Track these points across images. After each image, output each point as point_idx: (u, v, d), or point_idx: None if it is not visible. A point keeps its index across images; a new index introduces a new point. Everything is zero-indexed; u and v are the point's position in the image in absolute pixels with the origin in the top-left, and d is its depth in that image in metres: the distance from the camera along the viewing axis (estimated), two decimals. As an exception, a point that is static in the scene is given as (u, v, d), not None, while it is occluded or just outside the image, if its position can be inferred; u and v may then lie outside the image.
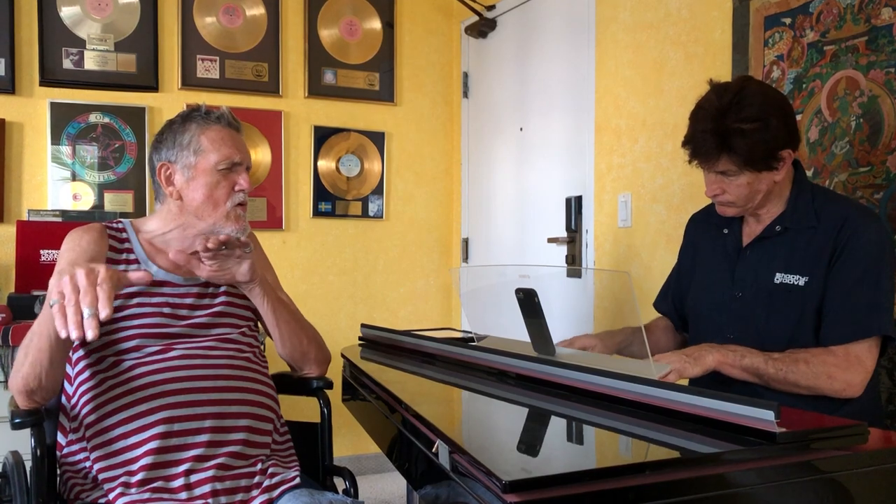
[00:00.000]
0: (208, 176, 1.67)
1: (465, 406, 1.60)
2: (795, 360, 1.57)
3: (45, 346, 1.44)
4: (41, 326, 1.44)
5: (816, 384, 1.55)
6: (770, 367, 1.57)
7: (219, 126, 1.70)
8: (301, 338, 1.85)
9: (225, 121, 1.72)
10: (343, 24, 3.87)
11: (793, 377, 1.55)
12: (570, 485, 0.93)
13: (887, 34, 1.94)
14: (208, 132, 1.69)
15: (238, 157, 1.70)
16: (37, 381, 1.46)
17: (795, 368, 1.55)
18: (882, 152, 1.95)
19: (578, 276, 3.15)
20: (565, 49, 3.23)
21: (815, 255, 1.65)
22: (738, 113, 1.60)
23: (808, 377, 1.55)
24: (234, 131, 1.73)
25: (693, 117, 1.70)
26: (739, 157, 1.62)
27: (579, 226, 3.09)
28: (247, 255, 1.71)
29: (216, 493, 1.48)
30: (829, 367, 1.56)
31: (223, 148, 1.68)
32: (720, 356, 1.59)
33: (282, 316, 1.81)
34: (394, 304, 4.01)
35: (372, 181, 3.95)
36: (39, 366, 1.45)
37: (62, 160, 3.33)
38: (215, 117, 1.71)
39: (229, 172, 1.69)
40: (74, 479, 1.57)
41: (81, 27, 3.37)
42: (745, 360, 1.59)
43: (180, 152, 1.68)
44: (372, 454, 3.78)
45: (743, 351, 1.60)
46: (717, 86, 1.71)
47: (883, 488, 1.12)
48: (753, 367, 1.58)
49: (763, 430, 1.08)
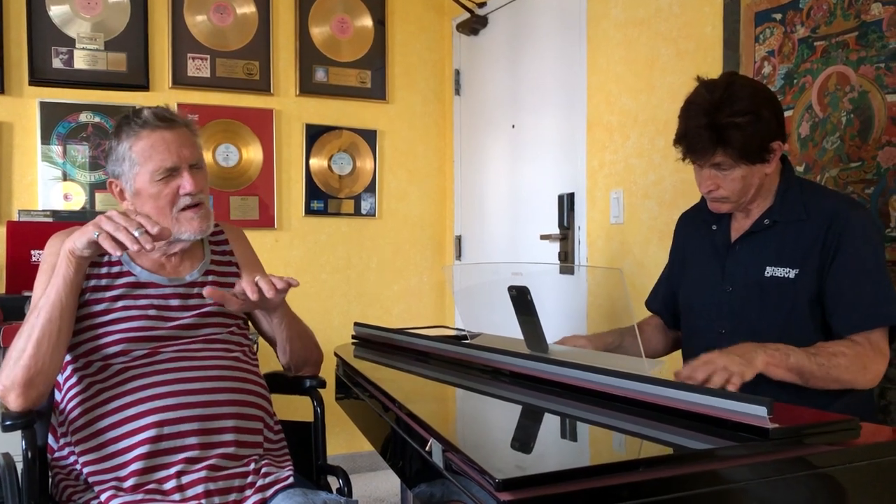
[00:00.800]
0: (149, 188, 1.62)
1: (459, 404, 1.60)
2: (833, 353, 1.53)
3: (56, 315, 1.47)
4: (49, 297, 1.47)
5: (856, 377, 1.53)
6: (813, 364, 1.51)
7: (146, 132, 1.61)
8: (306, 344, 1.86)
9: (150, 124, 1.61)
10: (334, 22, 3.86)
11: (835, 372, 1.51)
12: (564, 482, 0.93)
13: (877, 29, 1.95)
14: (137, 142, 1.61)
15: (171, 161, 1.61)
16: (41, 363, 1.46)
17: (836, 362, 1.52)
18: (872, 147, 1.96)
19: (571, 273, 3.15)
20: (557, 46, 3.23)
21: (806, 248, 1.65)
22: (731, 107, 1.61)
23: (849, 370, 1.52)
24: (164, 131, 1.62)
25: (684, 114, 1.70)
26: (735, 151, 1.62)
27: (572, 223, 3.09)
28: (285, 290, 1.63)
29: (209, 493, 1.48)
30: (863, 358, 1.54)
31: (154, 156, 1.60)
32: (767, 357, 1.48)
33: (294, 333, 1.81)
34: (387, 302, 4.01)
35: (364, 179, 3.94)
36: (47, 341, 1.46)
37: (53, 160, 3.31)
38: (140, 123, 1.62)
39: (170, 179, 1.62)
40: (66, 481, 1.56)
41: (71, 26, 3.35)
42: (790, 359, 1.50)
43: (120, 166, 1.63)
44: (366, 452, 3.77)
45: (786, 348, 1.52)
46: (705, 82, 1.71)
47: (875, 482, 1.13)
48: (798, 366, 1.50)
49: (756, 426, 1.08)
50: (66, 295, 1.49)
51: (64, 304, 1.49)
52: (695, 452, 1.08)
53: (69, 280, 1.49)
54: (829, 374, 1.52)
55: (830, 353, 1.53)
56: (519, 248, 3.51)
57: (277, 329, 1.80)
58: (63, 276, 1.48)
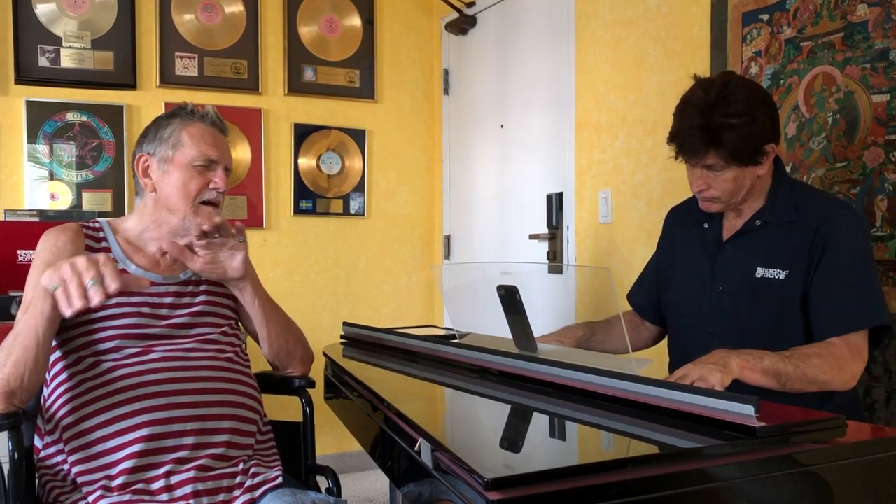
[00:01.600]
0: (183, 170, 1.67)
1: (448, 404, 1.60)
2: (808, 354, 1.53)
3: (32, 344, 1.42)
4: (28, 323, 1.42)
5: (832, 377, 1.53)
6: (788, 365, 1.50)
7: (202, 123, 1.72)
8: (288, 337, 1.84)
9: (209, 119, 1.73)
10: (323, 21, 3.86)
11: (811, 372, 1.51)
12: (553, 481, 0.93)
13: (863, 30, 1.96)
14: (190, 128, 1.70)
15: (215, 154, 1.70)
16: (18, 381, 1.43)
17: (811, 363, 1.52)
18: (858, 147, 1.97)
19: (560, 273, 3.16)
20: (545, 46, 3.23)
21: (795, 249, 1.66)
22: (725, 108, 1.61)
23: (824, 370, 1.52)
24: (216, 130, 1.74)
25: (679, 113, 1.70)
26: (727, 152, 1.62)
27: (560, 222, 3.10)
28: (240, 245, 1.72)
29: (198, 493, 1.47)
30: (839, 360, 1.54)
31: (201, 144, 1.69)
32: (741, 361, 1.47)
33: (271, 316, 1.80)
34: (376, 302, 4.00)
35: (353, 178, 3.94)
36: (24, 365, 1.43)
37: (39, 159, 3.29)
38: (200, 115, 1.73)
39: (205, 170, 1.69)
40: (53, 483, 1.55)
41: (57, 24, 3.33)
42: (764, 362, 1.49)
43: (159, 145, 1.69)
44: (354, 452, 3.77)
45: (759, 353, 1.51)
46: (701, 81, 1.71)
47: (861, 480, 1.13)
48: (773, 368, 1.50)
49: (743, 425, 1.09)
50: (43, 329, 1.42)
51: (41, 337, 1.42)
52: (682, 451, 1.09)
53: (46, 315, 1.41)
54: (804, 374, 1.51)
55: (805, 355, 1.54)
56: (507, 248, 3.52)
57: (251, 309, 1.77)
58: (41, 310, 1.40)
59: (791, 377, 1.50)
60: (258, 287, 1.78)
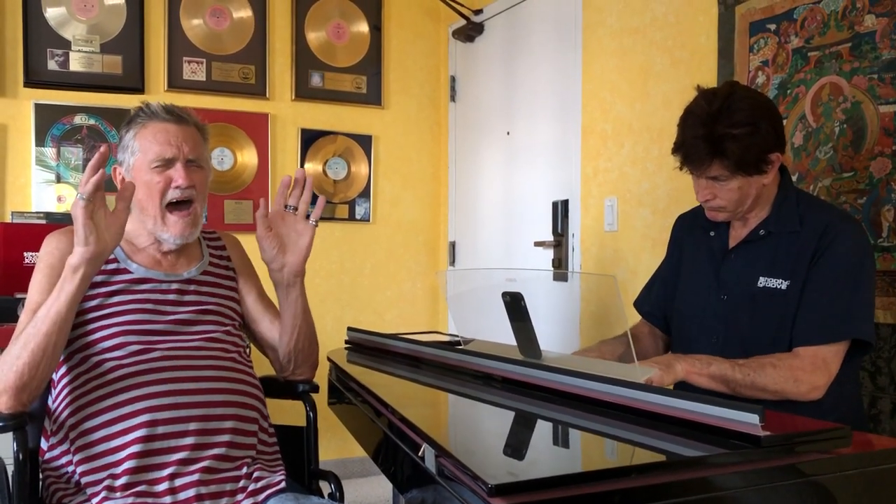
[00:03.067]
0: (143, 175, 1.64)
1: (452, 410, 1.60)
2: (762, 364, 1.57)
3: (54, 329, 1.45)
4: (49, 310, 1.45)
5: (784, 388, 1.55)
6: (737, 373, 1.55)
7: (154, 122, 1.66)
8: (311, 340, 1.86)
9: (159, 116, 1.67)
10: (330, 27, 3.87)
11: (761, 381, 1.54)
12: (556, 488, 0.93)
13: (870, 41, 1.96)
14: (143, 131, 1.66)
15: (169, 152, 1.64)
16: (33, 372, 1.45)
17: (763, 372, 1.55)
18: (865, 158, 1.97)
19: (565, 280, 3.16)
20: (552, 53, 3.24)
21: (797, 259, 1.66)
22: (729, 118, 1.61)
23: (775, 380, 1.55)
24: (170, 124, 1.67)
25: (683, 124, 1.70)
26: (731, 162, 1.62)
27: (566, 229, 3.10)
28: (308, 228, 1.73)
29: (201, 497, 1.47)
30: (796, 371, 1.56)
31: (154, 145, 1.64)
32: (687, 365, 1.55)
33: (306, 319, 1.82)
34: (380, 308, 4.00)
35: (359, 184, 3.94)
36: (42, 353, 1.44)
37: (46, 162, 3.31)
38: (149, 114, 1.67)
39: (164, 169, 1.64)
40: (57, 485, 1.55)
41: (67, 28, 3.35)
42: (711, 368, 1.55)
43: (123, 153, 1.67)
44: (358, 458, 3.76)
45: (708, 359, 1.58)
46: (705, 91, 1.71)
47: (865, 491, 1.13)
48: (720, 374, 1.55)
49: (748, 434, 1.09)
50: (66, 310, 1.47)
51: (63, 319, 1.47)
52: (687, 459, 1.08)
53: (71, 295, 1.47)
54: (754, 382, 1.54)
55: (759, 364, 1.56)
56: (512, 255, 3.52)
57: (290, 307, 1.77)
58: (67, 292, 1.46)
59: (740, 384, 1.55)
60: (303, 286, 1.79)
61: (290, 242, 1.74)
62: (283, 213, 1.75)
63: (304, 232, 1.75)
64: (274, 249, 1.73)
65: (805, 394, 1.57)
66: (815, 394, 1.57)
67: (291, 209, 1.75)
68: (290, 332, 1.81)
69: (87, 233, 1.45)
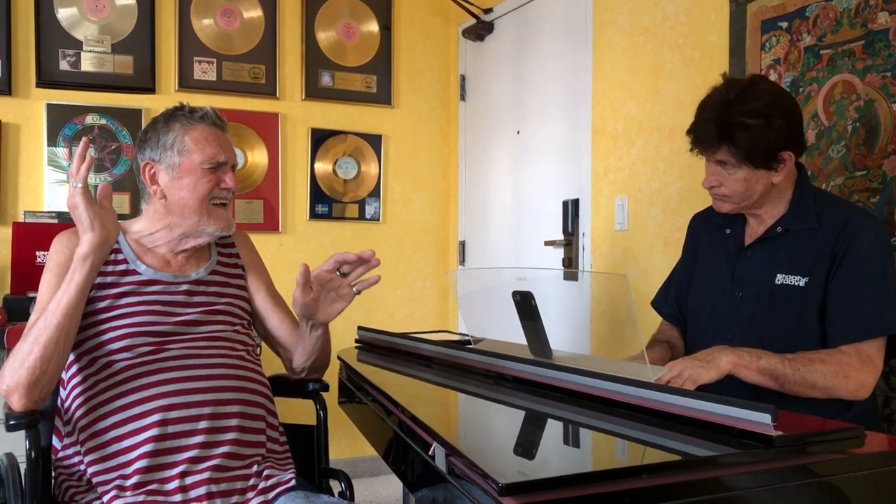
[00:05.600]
0: (193, 175, 1.67)
1: (462, 409, 1.60)
2: (811, 359, 1.53)
3: (65, 321, 1.48)
4: (59, 303, 1.48)
5: (834, 384, 1.52)
6: (787, 368, 1.51)
7: (203, 125, 1.70)
8: (326, 357, 1.88)
9: (209, 119, 1.71)
10: (340, 27, 3.87)
11: (811, 377, 1.51)
12: (567, 488, 0.93)
13: (884, 38, 1.95)
14: (192, 132, 1.68)
15: (223, 156, 1.70)
16: (45, 366, 1.46)
17: (813, 368, 1.52)
18: (878, 156, 1.96)
19: (575, 279, 3.15)
20: (562, 52, 3.23)
21: (816, 256, 1.65)
22: (742, 106, 1.62)
23: (826, 376, 1.52)
24: (218, 130, 1.72)
25: (700, 106, 1.73)
26: (738, 151, 1.63)
27: (576, 229, 3.09)
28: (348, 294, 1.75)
29: (211, 495, 1.48)
30: (845, 367, 1.53)
31: (207, 148, 1.68)
32: (735, 358, 1.50)
33: (326, 343, 1.84)
34: (391, 307, 4.01)
35: (369, 184, 3.95)
36: (54, 346, 1.46)
37: (58, 162, 3.32)
38: (199, 116, 1.71)
39: (214, 171, 1.69)
40: (69, 482, 1.56)
41: (78, 28, 3.37)
42: (761, 361, 1.51)
43: (164, 152, 1.68)
44: (368, 457, 3.77)
45: (758, 352, 1.53)
46: (728, 79, 1.73)
47: (879, 492, 1.12)
48: (770, 368, 1.51)
49: (760, 434, 1.08)
50: (77, 300, 1.50)
51: (74, 309, 1.50)
52: (698, 459, 1.08)
53: (80, 285, 1.51)
54: (804, 378, 1.51)
55: (808, 359, 1.54)
56: (522, 254, 3.51)
57: (312, 341, 1.80)
58: (76, 282, 1.50)
59: (790, 379, 1.51)
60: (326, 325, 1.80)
61: (326, 300, 1.75)
62: (330, 275, 1.74)
63: (346, 297, 1.76)
64: (307, 308, 1.73)
65: (854, 391, 1.54)
66: (862, 392, 1.55)
67: (341, 274, 1.75)
68: (308, 356, 1.84)
69: (92, 216, 1.50)
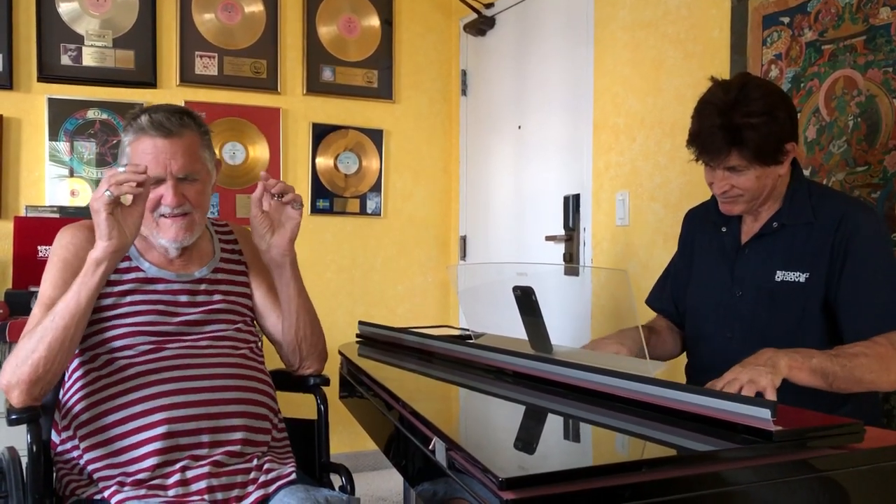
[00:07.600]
0: None
1: (463, 403, 1.60)
2: (854, 354, 1.50)
3: (72, 323, 1.47)
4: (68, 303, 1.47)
5: (877, 378, 1.49)
6: (836, 365, 1.47)
7: (146, 137, 1.60)
8: (314, 328, 1.84)
9: (146, 131, 1.60)
10: (342, 22, 3.87)
11: (858, 372, 1.48)
12: (567, 482, 0.93)
13: (885, 34, 1.94)
14: (135, 143, 1.62)
15: (155, 171, 1.58)
16: (48, 365, 1.46)
17: (858, 363, 1.48)
18: (879, 152, 1.96)
19: (576, 274, 3.15)
20: (564, 47, 3.23)
21: (815, 251, 1.65)
22: (745, 107, 1.60)
23: (871, 370, 1.49)
24: (159, 139, 1.60)
25: (698, 114, 1.68)
26: (750, 152, 1.61)
27: (577, 224, 3.09)
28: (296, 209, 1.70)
29: (212, 488, 1.48)
30: (885, 359, 1.50)
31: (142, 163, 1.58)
32: (790, 360, 1.44)
33: (303, 303, 1.79)
34: (392, 302, 4.01)
35: (370, 179, 3.95)
36: (59, 345, 1.46)
37: (60, 156, 3.32)
38: (140, 126, 1.61)
39: (154, 186, 1.60)
40: (69, 476, 1.56)
41: (80, 23, 3.36)
42: (813, 361, 1.45)
43: (121, 159, 1.65)
44: (369, 451, 3.77)
45: (807, 351, 1.48)
46: (719, 82, 1.70)
47: (878, 487, 1.12)
48: (821, 367, 1.46)
49: (759, 429, 1.08)
50: (86, 304, 1.49)
51: (83, 313, 1.49)
52: (698, 454, 1.08)
53: (92, 290, 1.49)
54: (852, 374, 1.47)
55: (852, 354, 1.50)
56: (523, 249, 3.51)
57: (286, 290, 1.76)
58: (88, 286, 1.48)
59: (838, 377, 1.47)
60: (296, 269, 1.77)
61: (278, 225, 1.72)
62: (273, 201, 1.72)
63: (293, 216, 1.71)
64: (265, 230, 1.71)
65: (893, 383, 1.52)
66: None
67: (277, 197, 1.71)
68: (290, 318, 1.79)
69: (110, 227, 1.46)
